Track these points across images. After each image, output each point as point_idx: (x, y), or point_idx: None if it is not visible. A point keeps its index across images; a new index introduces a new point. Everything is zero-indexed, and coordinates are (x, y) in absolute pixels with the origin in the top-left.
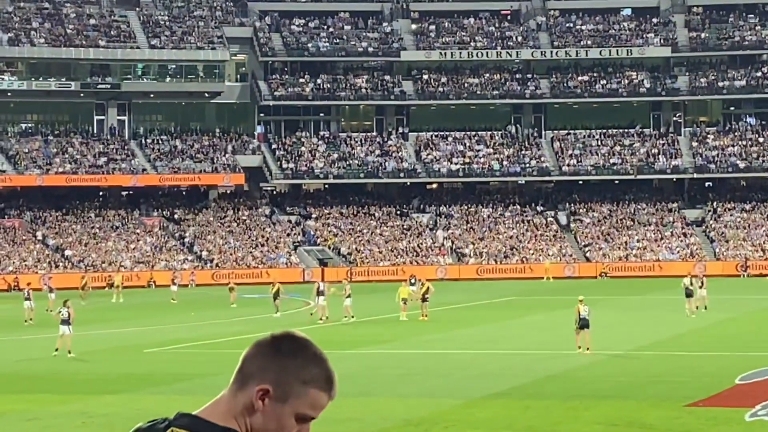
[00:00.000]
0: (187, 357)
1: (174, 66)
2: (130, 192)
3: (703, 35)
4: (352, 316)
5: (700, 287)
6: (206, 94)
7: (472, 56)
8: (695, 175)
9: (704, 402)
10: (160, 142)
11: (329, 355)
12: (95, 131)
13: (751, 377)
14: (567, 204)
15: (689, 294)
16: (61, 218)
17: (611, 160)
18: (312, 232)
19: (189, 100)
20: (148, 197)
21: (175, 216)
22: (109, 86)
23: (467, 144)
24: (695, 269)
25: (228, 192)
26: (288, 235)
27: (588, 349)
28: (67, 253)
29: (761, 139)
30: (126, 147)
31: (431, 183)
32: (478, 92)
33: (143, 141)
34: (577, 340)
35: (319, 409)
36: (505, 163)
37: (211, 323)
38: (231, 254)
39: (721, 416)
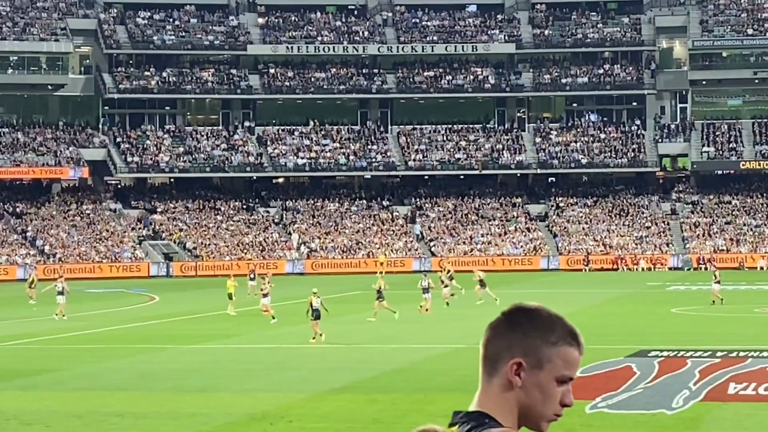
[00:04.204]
0: (27, 353)
1: (16, 57)
2: None
3: (546, 32)
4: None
5: None
6: (49, 87)
7: (319, 51)
8: (539, 171)
9: None
10: (1, 134)
11: (172, 350)
12: None
13: (592, 370)
14: (413, 198)
15: None
16: None
17: (456, 156)
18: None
19: (31, 92)
20: None
21: (17, 209)
22: None
23: (314, 138)
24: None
25: (71, 185)
26: (133, 229)
27: (322, 335)
28: None
29: (603, 135)
30: None
31: (277, 177)
32: (325, 87)
33: None
34: (314, 330)
35: (574, 365)
36: (351, 157)
37: (53, 318)
38: (74, 249)
39: None
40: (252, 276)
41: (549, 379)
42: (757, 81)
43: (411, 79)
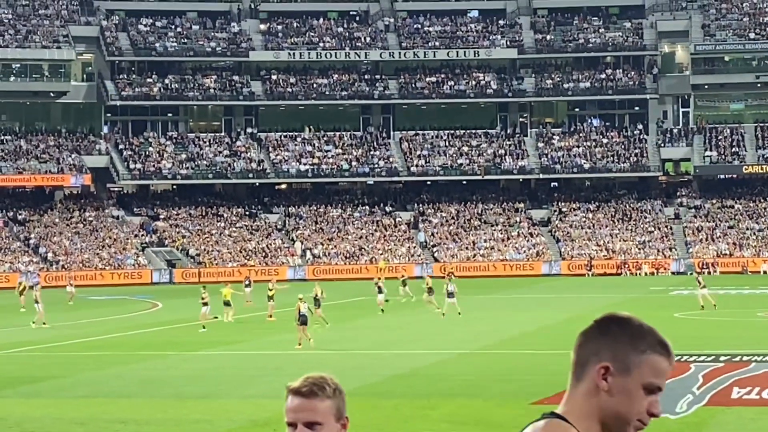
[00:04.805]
0: (30, 360)
1: (18, 65)
2: None
3: (548, 37)
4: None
5: None
6: (52, 94)
7: (321, 57)
8: (541, 176)
9: (550, 399)
10: (4, 142)
11: (174, 357)
12: None
13: None
14: (415, 204)
15: None
16: None
17: (459, 161)
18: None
19: (34, 100)
20: None
21: (20, 217)
22: None
23: (316, 144)
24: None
25: (74, 193)
26: (135, 236)
27: (311, 340)
28: None
29: (605, 140)
30: None
31: (280, 183)
32: (327, 93)
33: None
34: (299, 337)
35: (662, 375)
36: (353, 163)
37: (56, 326)
38: (77, 256)
39: None
40: (247, 283)
41: (636, 385)
42: (759, 85)
43: (413, 85)
